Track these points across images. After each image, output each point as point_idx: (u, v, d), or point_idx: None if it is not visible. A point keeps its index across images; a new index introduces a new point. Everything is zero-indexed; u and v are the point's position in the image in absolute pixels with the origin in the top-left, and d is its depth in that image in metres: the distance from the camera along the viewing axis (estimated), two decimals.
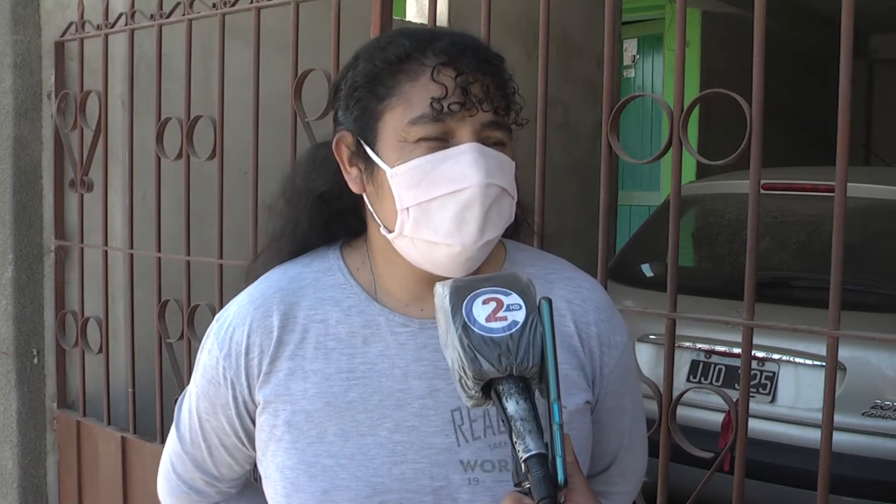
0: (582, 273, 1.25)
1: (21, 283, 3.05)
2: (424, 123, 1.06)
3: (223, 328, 1.18)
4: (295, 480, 1.12)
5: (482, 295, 0.94)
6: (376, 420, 1.11)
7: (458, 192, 1.06)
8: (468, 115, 1.06)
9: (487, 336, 0.92)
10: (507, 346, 0.91)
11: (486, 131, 1.08)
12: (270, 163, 2.26)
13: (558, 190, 4.19)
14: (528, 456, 0.88)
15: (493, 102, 1.07)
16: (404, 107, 1.07)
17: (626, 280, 3.74)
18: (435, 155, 1.06)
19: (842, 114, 1.51)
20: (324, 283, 1.18)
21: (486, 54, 1.10)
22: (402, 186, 1.08)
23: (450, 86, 1.06)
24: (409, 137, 1.07)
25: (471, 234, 1.07)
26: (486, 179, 1.06)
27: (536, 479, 0.86)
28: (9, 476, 3.10)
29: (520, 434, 0.89)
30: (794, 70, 6.79)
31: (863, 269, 3.28)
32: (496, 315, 0.93)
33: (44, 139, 3.09)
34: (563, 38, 4.92)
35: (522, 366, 0.91)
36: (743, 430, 1.65)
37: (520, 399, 0.91)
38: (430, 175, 1.06)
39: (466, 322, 0.92)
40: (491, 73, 1.08)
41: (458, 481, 1.10)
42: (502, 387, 0.92)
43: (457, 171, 1.06)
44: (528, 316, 0.93)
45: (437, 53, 1.08)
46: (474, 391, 0.92)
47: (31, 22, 3.06)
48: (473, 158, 1.06)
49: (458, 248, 1.07)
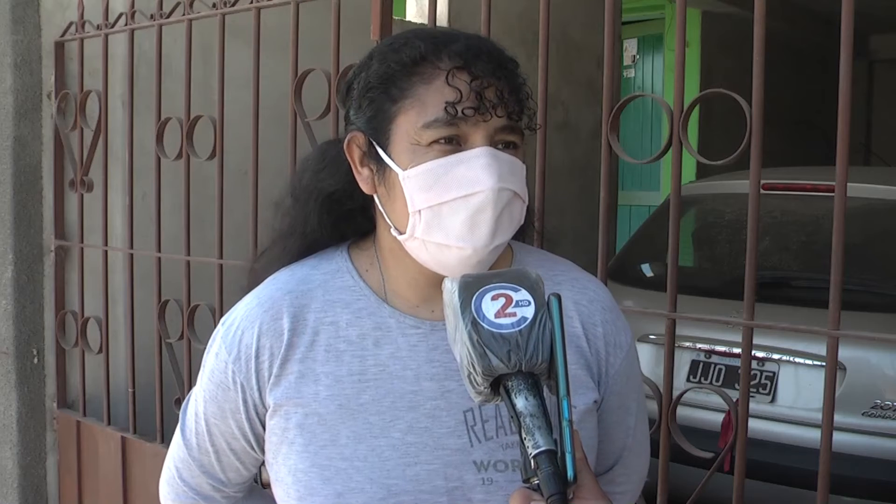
0: (588, 275, 1.25)
1: (21, 283, 3.05)
2: (438, 127, 1.06)
3: (231, 331, 1.17)
4: (308, 484, 1.11)
5: (491, 291, 0.94)
6: (389, 422, 1.11)
7: (471, 196, 1.06)
8: (482, 119, 1.06)
9: (497, 332, 0.91)
10: (517, 342, 0.91)
11: (499, 136, 1.08)
12: (270, 163, 2.27)
13: (558, 190, 4.18)
14: (537, 452, 0.88)
15: (507, 107, 1.07)
16: (418, 110, 1.07)
17: (626, 280, 3.74)
18: (448, 158, 1.06)
19: (842, 114, 1.51)
20: (333, 285, 1.17)
21: (500, 59, 1.10)
22: (415, 189, 1.07)
23: (464, 90, 1.05)
24: (423, 140, 1.07)
25: (482, 237, 1.07)
26: (498, 184, 1.05)
27: (546, 476, 0.86)
28: (9, 476, 3.10)
29: (529, 430, 0.89)
30: (794, 70, 6.79)
31: (863, 269, 3.28)
32: (505, 311, 0.93)
33: (44, 139, 3.09)
34: (563, 38, 4.92)
35: (532, 362, 0.91)
36: (743, 430, 1.65)
37: (529, 395, 0.91)
38: (442, 178, 1.06)
39: (476, 318, 0.92)
40: (505, 78, 1.08)
41: (472, 482, 1.10)
42: (511, 383, 0.91)
43: (469, 174, 1.05)
44: (537, 312, 0.93)
45: (452, 57, 1.07)
46: (483, 387, 0.92)
47: (31, 22, 3.06)
48: (487, 163, 1.05)
49: (470, 251, 1.07)
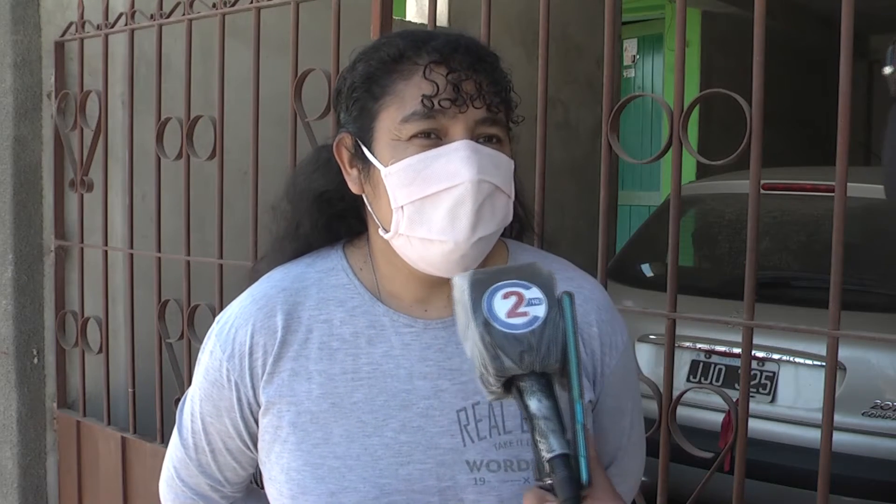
0: (583, 273, 1.25)
1: (21, 283, 3.05)
2: (416, 120, 1.06)
3: (225, 329, 1.17)
4: (301, 482, 1.11)
5: (503, 289, 0.93)
6: (382, 421, 1.11)
7: (451, 189, 1.06)
8: (459, 112, 1.06)
9: (510, 333, 0.90)
10: (530, 343, 0.90)
11: (479, 129, 1.08)
12: (270, 163, 2.26)
13: (558, 190, 4.18)
14: (552, 456, 0.87)
15: (486, 99, 1.07)
16: (397, 105, 1.08)
17: (626, 280, 3.73)
18: (427, 153, 1.07)
19: (842, 114, 1.51)
20: (327, 283, 1.18)
21: (480, 52, 1.10)
22: (396, 185, 1.08)
23: (441, 83, 1.06)
24: (402, 135, 1.07)
25: (463, 230, 1.07)
26: (477, 176, 1.05)
27: (561, 480, 0.86)
28: (9, 476, 3.10)
29: (543, 433, 0.88)
30: (794, 70, 6.78)
31: (863, 269, 3.28)
32: (517, 310, 0.91)
33: (44, 139, 3.09)
34: (563, 38, 4.91)
35: (545, 363, 0.90)
36: (743, 430, 1.65)
37: (542, 397, 0.90)
38: (422, 173, 1.06)
39: (487, 319, 0.91)
40: (484, 71, 1.08)
41: (465, 481, 1.10)
42: (524, 384, 0.91)
43: (449, 168, 1.06)
44: (549, 311, 0.91)
45: (430, 52, 1.08)
46: (496, 387, 0.92)
47: (31, 22, 3.06)
48: (465, 155, 1.06)
49: (451, 245, 1.07)
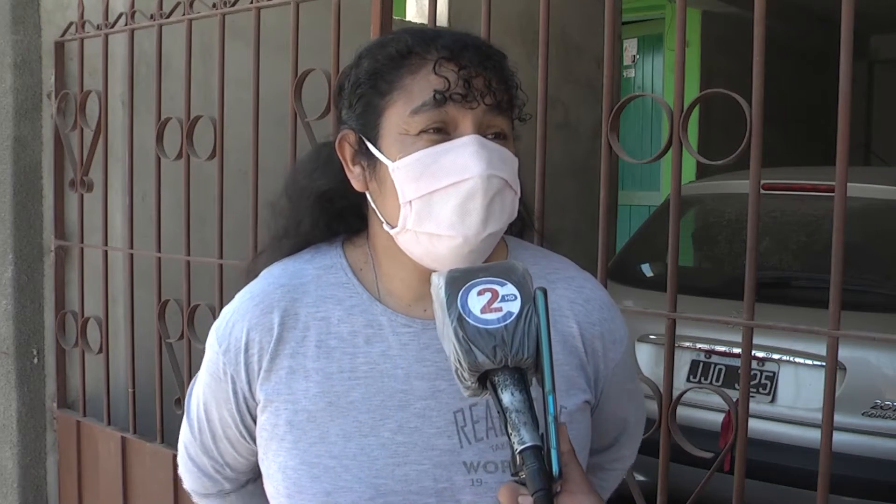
0: (584, 273, 1.25)
1: (21, 283, 3.05)
2: (426, 111, 1.06)
3: (223, 324, 1.18)
4: (297, 481, 1.11)
5: (477, 286, 0.94)
6: (378, 420, 1.11)
7: (460, 184, 1.05)
8: (469, 107, 1.06)
9: (482, 328, 0.92)
10: (502, 337, 0.91)
11: (488, 125, 1.08)
12: (270, 163, 2.26)
13: (558, 190, 4.18)
14: (522, 448, 0.88)
15: (496, 96, 1.08)
16: (405, 99, 1.08)
17: (626, 280, 3.73)
18: (436, 147, 1.06)
19: (842, 114, 1.51)
20: (326, 280, 1.18)
21: (488, 51, 1.11)
22: (405, 179, 1.07)
23: (452, 78, 1.06)
24: (411, 129, 1.07)
25: (473, 225, 1.06)
26: (487, 170, 1.05)
27: (531, 472, 0.87)
28: (9, 476, 3.10)
29: (515, 426, 0.90)
30: (794, 70, 6.78)
31: (863, 269, 3.28)
32: (491, 306, 0.93)
33: (44, 139, 3.09)
34: (563, 38, 4.92)
35: (517, 357, 0.91)
36: (743, 430, 1.65)
37: (515, 390, 0.91)
38: (431, 167, 1.06)
39: (461, 313, 0.93)
40: (493, 69, 1.09)
41: (462, 483, 1.10)
42: (498, 378, 0.92)
43: (458, 162, 1.05)
44: (523, 306, 0.93)
45: (440, 49, 1.08)
46: (470, 382, 0.93)
47: (31, 22, 3.06)
48: (475, 150, 1.05)
49: (461, 239, 1.07)
